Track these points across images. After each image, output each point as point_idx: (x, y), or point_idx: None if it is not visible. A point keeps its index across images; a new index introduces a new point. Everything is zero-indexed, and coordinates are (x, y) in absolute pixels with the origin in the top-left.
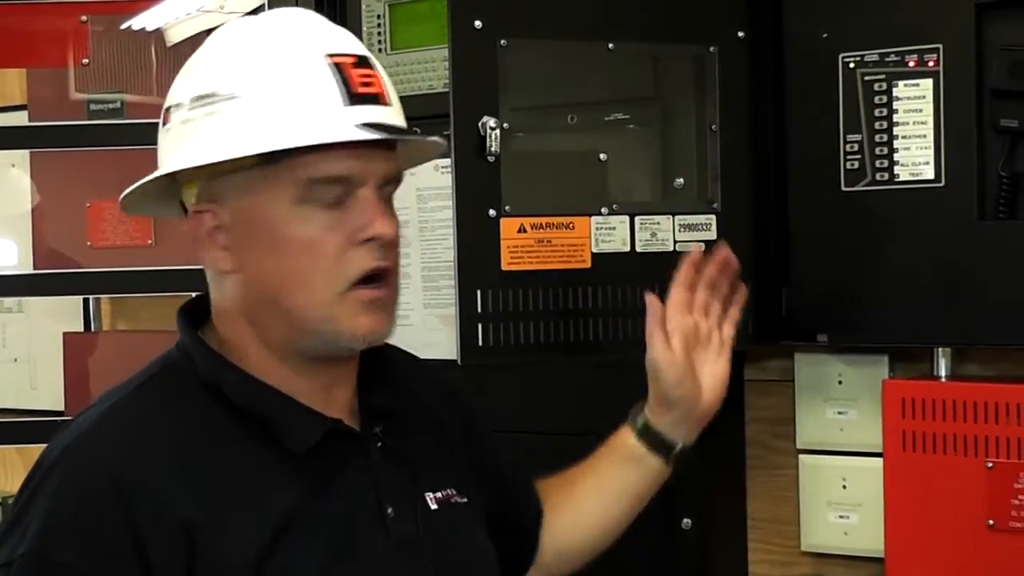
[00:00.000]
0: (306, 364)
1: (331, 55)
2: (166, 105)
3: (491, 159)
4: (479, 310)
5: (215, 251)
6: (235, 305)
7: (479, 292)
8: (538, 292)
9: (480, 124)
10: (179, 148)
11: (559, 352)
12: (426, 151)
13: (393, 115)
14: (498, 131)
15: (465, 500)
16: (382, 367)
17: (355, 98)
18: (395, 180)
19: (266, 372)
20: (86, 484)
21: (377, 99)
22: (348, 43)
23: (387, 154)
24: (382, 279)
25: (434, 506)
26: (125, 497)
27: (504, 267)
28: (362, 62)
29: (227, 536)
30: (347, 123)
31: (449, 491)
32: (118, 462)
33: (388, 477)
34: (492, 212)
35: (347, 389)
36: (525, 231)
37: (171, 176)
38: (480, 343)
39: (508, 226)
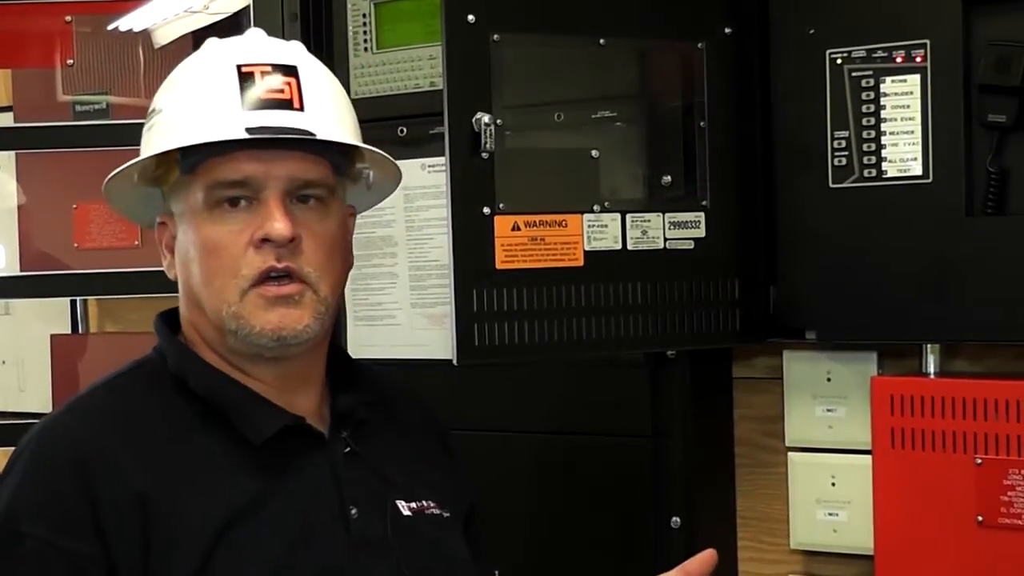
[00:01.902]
0: (252, 365)
1: (243, 65)
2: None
3: (485, 156)
4: (474, 310)
5: (167, 259)
6: (183, 311)
7: (474, 292)
8: (532, 291)
9: (474, 120)
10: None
11: (553, 350)
12: (385, 176)
13: (306, 120)
14: (492, 127)
15: (447, 515)
16: (356, 377)
17: (258, 103)
18: (321, 185)
19: (227, 371)
20: (50, 462)
21: (287, 104)
22: (279, 55)
23: (301, 158)
24: (287, 278)
25: (407, 512)
26: (85, 473)
27: (498, 266)
28: (288, 71)
29: (181, 514)
30: (237, 126)
31: (425, 503)
32: (80, 442)
33: (354, 479)
34: (486, 210)
35: (310, 393)
36: (519, 229)
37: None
38: (476, 343)
39: (502, 224)
